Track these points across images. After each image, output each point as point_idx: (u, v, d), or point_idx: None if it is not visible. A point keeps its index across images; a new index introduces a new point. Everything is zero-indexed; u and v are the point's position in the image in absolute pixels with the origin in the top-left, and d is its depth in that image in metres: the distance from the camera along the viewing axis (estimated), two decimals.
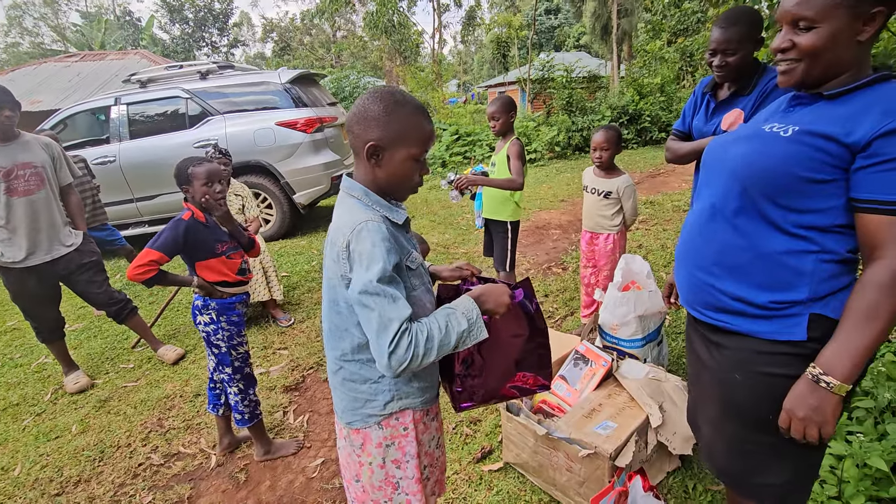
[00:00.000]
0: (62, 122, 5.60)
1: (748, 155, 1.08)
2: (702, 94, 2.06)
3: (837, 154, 0.96)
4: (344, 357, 1.15)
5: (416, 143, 1.09)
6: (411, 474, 1.20)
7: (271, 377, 2.96)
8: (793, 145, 1.01)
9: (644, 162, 8.97)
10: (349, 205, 1.11)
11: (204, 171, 2.06)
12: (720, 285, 1.12)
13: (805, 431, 1.00)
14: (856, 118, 0.95)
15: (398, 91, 1.10)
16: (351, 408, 1.17)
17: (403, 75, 15.54)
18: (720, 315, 1.14)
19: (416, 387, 1.17)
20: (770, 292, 1.06)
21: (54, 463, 2.38)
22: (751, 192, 1.06)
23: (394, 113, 1.06)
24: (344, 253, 1.04)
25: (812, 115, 1.03)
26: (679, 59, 13.07)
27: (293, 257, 5.07)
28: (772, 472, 1.13)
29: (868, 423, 1.80)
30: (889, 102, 0.93)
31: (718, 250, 1.13)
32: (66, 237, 2.89)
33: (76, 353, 3.48)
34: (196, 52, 34.72)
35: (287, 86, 5.47)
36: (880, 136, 0.91)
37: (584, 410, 1.91)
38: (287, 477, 2.18)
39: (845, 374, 0.95)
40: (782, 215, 1.03)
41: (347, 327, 1.11)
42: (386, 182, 1.12)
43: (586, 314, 2.98)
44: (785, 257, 1.04)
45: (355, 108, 1.09)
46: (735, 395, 1.14)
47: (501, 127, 2.79)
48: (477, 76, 40.54)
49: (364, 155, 1.08)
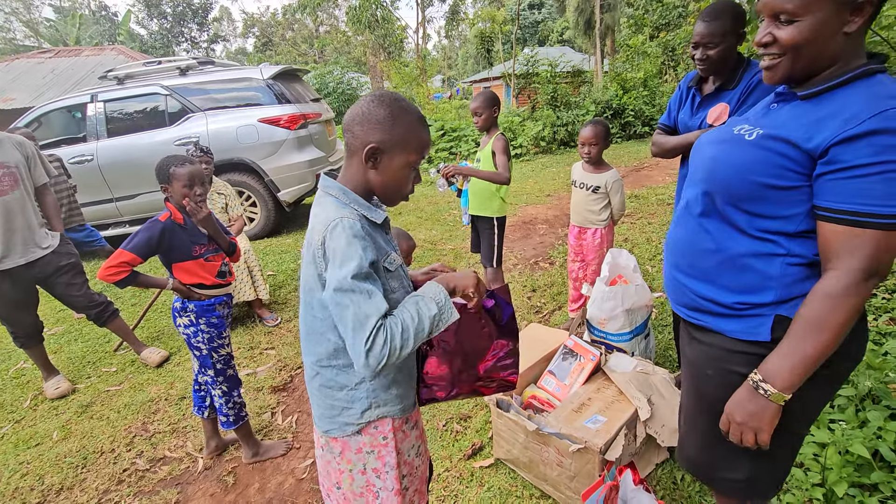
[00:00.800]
0: (36, 120, 5.43)
1: (711, 160, 1.08)
2: (687, 89, 2.07)
3: (798, 160, 0.94)
4: (320, 362, 1.13)
5: (415, 150, 1.10)
6: (391, 486, 1.18)
7: (258, 378, 2.92)
8: (754, 150, 0.99)
9: (628, 156, 9.05)
10: (326, 203, 1.09)
11: (186, 172, 2.02)
12: (692, 285, 1.14)
13: (742, 436, 1.01)
14: (822, 123, 0.91)
15: (402, 97, 1.10)
16: (328, 415, 1.15)
17: (387, 71, 15.43)
18: (694, 313, 1.15)
19: (394, 394, 1.15)
20: (736, 294, 1.05)
21: (35, 471, 2.32)
22: (715, 196, 1.06)
23: (398, 118, 1.06)
24: (319, 251, 1.02)
25: (784, 118, 1.00)
26: (661, 53, 13.19)
27: (279, 256, 5.01)
28: (736, 468, 1.15)
29: (849, 410, 1.84)
30: (855, 107, 0.89)
31: (690, 252, 1.15)
32: (42, 239, 2.81)
33: (56, 358, 3.39)
34: (175, 47, 34.00)
35: (269, 82, 5.38)
36: (837, 143, 0.88)
37: (574, 405, 1.92)
38: (276, 479, 2.15)
39: (784, 384, 0.95)
40: (747, 220, 1.02)
41: (324, 331, 1.09)
42: (380, 186, 1.11)
43: (574, 308, 3.00)
44: (751, 259, 1.03)
45: (358, 108, 1.08)
46: (707, 389, 1.16)
47: (485, 122, 2.79)
48: (461, 71, 40.45)
49: (363, 156, 1.06)
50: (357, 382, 1.12)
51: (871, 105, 0.87)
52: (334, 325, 1.07)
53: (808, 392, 1.03)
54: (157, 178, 2.05)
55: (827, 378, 1.04)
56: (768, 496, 1.18)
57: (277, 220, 5.68)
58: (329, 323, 1.07)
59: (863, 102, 0.89)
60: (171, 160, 2.04)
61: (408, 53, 19.61)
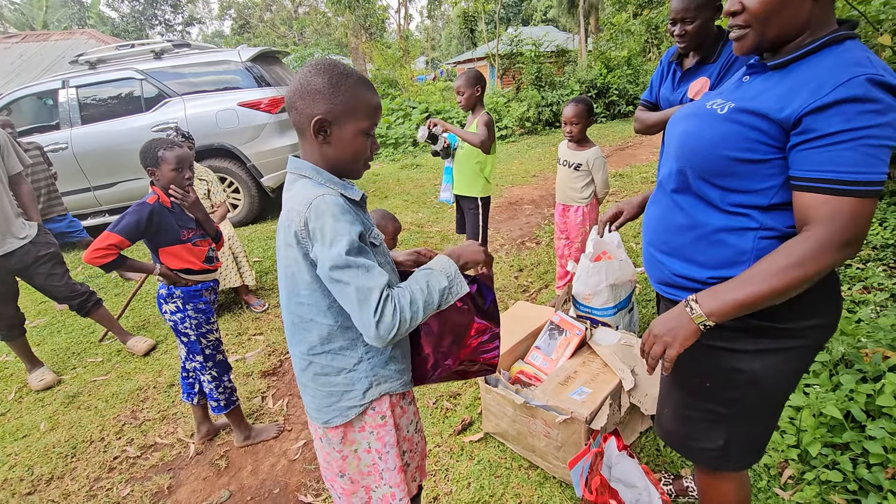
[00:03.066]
0: (6, 108, 5.24)
1: (684, 135, 1.07)
2: (668, 64, 2.08)
3: (770, 132, 0.93)
4: (312, 351, 1.09)
5: (364, 115, 1.05)
6: (392, 465, 1.16)
7: (248, 363, 2.92)
8: (725, 124, 0.98)
9: (613, 135, 9.08)
10: (300, 185, 1.05)
11: (174, 156, 1.99)
12: (667, 262, 1.14)
13: (651, 348, 1.02)
14: (792, 93, 0.91)
15: (339, 63, 1.05)
16: (327, 404, 1.12)
17: (370, 52, 15.13)
18: (669, 289, 1.16)
19: (393, 369, 1.14)
20: (710, 269, 1.05)
21: (24, 462, 2.31)
22: (687, 172, 1.05)
23: (339, 85, 1.01)
24: (303, 232, 0.98)
25: (755, 90, 0.99)
26: (645, 31, 13.14)
27: (264, 242, 4.96)
28: (708, 437, 1.17)
29: (823, 375, 1.91)
30: (824, 75, 0.88)
31: (664, 229, 1.15)
32: (20, 229, 2.74)
33: (39, 350, 3.34)
34: (149, 31, 32.88)
35: (248, 64, 5.25)
36: (810, 113, 0.87)
37: (560, 378, 1.96)
38: (269, 461, 2.17)
39: (713, 310, 0.95)
40: (719, 195, 1.02)
41: (313, 317, 1.06)
42: (337, 159, 1.06)
43: (560, 285, 3.04)
44: (724, 234, 1.03)
45: (296, 82, 1.02)
46: (680, 362, 1.15)
47: (468, 101, 2.78)
48: (445, 52, 39.88)
49: (311, 132, 1.02)
50: (355, 363, 1.09)
51: (839, 73, 0.87)
52: (326, 308, 1.04)
53: (787, 364, 1.05)
54: (143, 161, 2.01)
55: (805, 349, 1.06)
56: (747, 464, 1.20)
57: (261, 205, 5.60)
58: (319, 306, 1.04)
59: (831, 70, 0.88)
60: (158, 143, 2.00)
61: (390, 34, 19.23)
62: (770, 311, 0.99)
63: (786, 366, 1.06)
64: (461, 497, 1.82)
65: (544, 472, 1.88)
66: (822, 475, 1.64)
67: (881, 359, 1.88)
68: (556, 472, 1.84)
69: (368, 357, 1.10)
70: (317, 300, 1.04)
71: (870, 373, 1.85)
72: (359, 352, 1.09)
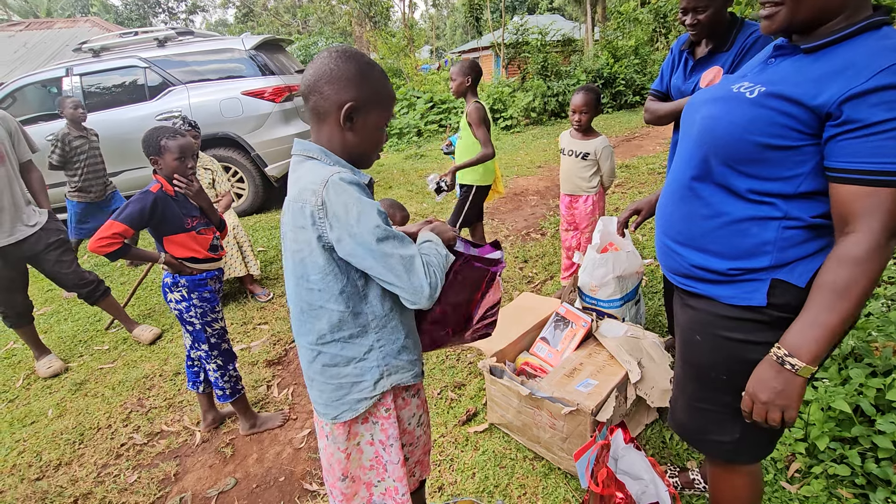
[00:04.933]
0: (10, 96, 5.24)
1: (709, 119, 1.02)
2: (679, 52, 2.03)
3: (803, 118, 0.89)
4: (321, 340, 1.06)
5: (387, 106, 1.06)
6: (396, 458, 1.15)
7: (252, 352, 2.93)
8: (755, 108, 0.94)
9: (619, 126, 8.99)
10: (309, 166, 1.02)
11: (177, 145, 1.97)
12: (683, 252, 1.11)
13: (767, 415, 0.96)
14: (828, 78, 0.87)
15: (361, 52, 1.06)
16: (336, 397, 1.09)
17: (374, 41, 15.00)
18: (686, 280, 1.13)
19: (405, 360, 1.12)
20: (731, 260, 1.02)
21: (32, 448, 2.33)
22: (710, 158, 1.01)
23: (368, 74, 1.01)
24: (320, 211, 0.95)
25: (785, 73, 0.94)
26: (653, 20, 12.95)
27: (268, 231, 4.96)
28: (724, 430, 1.15)
29: (832, 369, 1.89)
30: (863, 61, 0.84)
31: (681, 218, 1.11)
32: (30, 216, 2.74)
33: (47, 338, 3.37)
34: (152, 19, 32.71)
35: (252, 52, 5.21)
36: (849, 99, 0.84)
37: (566, 370, 1.95)
38: (274, 449, 2.18)
39: (812, 356, 0.89)
40: (743, 183, 0.98)
41: (323, 304, 1.03)
42: (356, 146, 1.05)
43: (566, 276, 3.02)
44: (746, 224, 1.00)
45: (323, 66, 1.00)
46: (695, 355, 1.15)
47: (457, 88, 2.83)
48: (450, 42, 39.52)
49: (340, 117, 1.00)
50: (365, 351, 1.07)
51: (881, 58, 0.83)
52: (338, 292, 1.02)
53: None
54: (145, 150, 1.99)
55: None
56: (759, 457, 1.19)
57: (266, 195, 5.60)
58: (330, 291, 1.02)
59: (871, 56, 0.84)
60: (161, 132, 1.98)
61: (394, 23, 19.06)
62: (790, 302, 0.97)
63: None
64: (466, 487, 1.83)
65: (549, 464, 1.88)
66: (829, 469, 1.62)
67: (892, 353, 1.86)
68: (561, 463, 1.84)
69: (380, 345, 1.08)
70: (328, 285, 1.02)
71: (880, 367, 1.83)
72: (369, 339, 1.07)
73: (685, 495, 1.68)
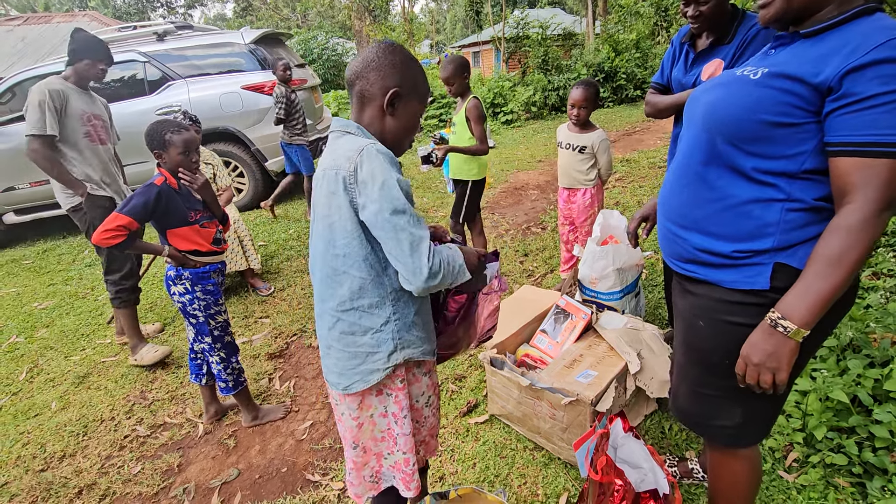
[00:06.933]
0: (10, 91, 5.23)
1: (715, 101, 1.05)
2: (680, 45, 2.03)
3: (805, 96, 0.93)
4: (342, 306, 1.10)
5: (424, 98, 1.14)
6: (407, 430, 1.19)
7: (254, 346, 2.94)
8: (760, 88, 0.97)
9: (620, 120, 8.97)
10: (345, 140, 1.08)
11: (181, 139, 1.98)
12: (687, 236, 1.13)
13: (759, 377, 1.00)
14: (827, 58, 0.91)
15: (404, 47, 1.14)
16: (350, 367, 1.13)
17: (374, 35, 14.95)
18: (689, 265, 1.15)
19: (416, 335, 1.17)
20: (734, 242, 1.04)
21: (36, 440, 2.35)
22: (716, 139, 1.04)
23: (411, 66, 1.11)
24: (352, 177, 1.01)
25: (786, 56, 0.98)
26: (654, 13, 12.88)
27: (269, 226, 4.97)
28: (727, 415, 1.17)
29: (831, 360, 1.90)
30: (859, 39, 0.88)
31: (685, 202, 1.13)
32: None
33: (49, 331, 3.39)
34: (150, 13, 32.54)
35: (252, 46, 5.20)
36: (847, 74, 0.87)
37: (566, 361, 1.97)
38: (276, 440, 2.20)
39: (804, 319, 0.93)
40: (749, 162, 1.00)
41: (346, 269, 1.08)
42: (395, 131, 1.13)
43: (565, 269, 3.03)
44: (750, 206, 1.02)
45: (371, 55, 1.09)
46: (698, 341, 1.16)
47: (458, 89, 2.83)
48: (450, 36, 39.33)
49: (384, 102, 1.08)
50: (383, 323, 1.11)
51: (876, 35, 0.87)
52: (362, 259, 1.06)
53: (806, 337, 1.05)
54: (149, 144, 2.00)
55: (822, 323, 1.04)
56: (759, 440, 1.22)
57: (266, 189, 5.60)
58: (355, 257, 1.06)
59: (866, 34, 0.88)
60: (164, 125, 1.99)
61: (394, 17, 18.98)
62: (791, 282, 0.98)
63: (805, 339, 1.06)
64: (467, 476, 1.85)
65: (549, 454, 1.90)
66: (827, 458, 1.64)
67: (889, 344, 1.87)
68: (561, 453, 1.85)
69: (395, 318, 1.12)
70: (354, 250, 1.06)
71: (878, 358, 1.84)
72: (387, 311, 1.11)
73: (684, 484, 1.70)
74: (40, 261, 4.98)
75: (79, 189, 2.67)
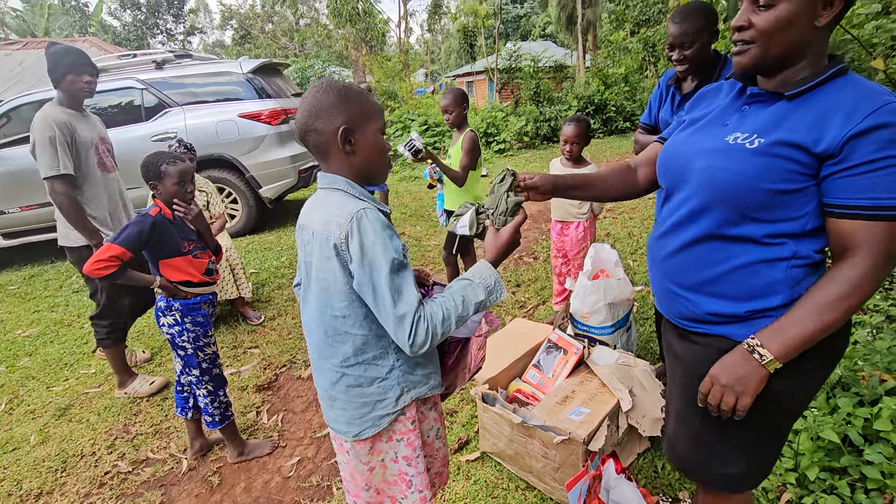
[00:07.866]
0: (5, 115, 5.23)
1: (714, 171, 1.04)
2: (667, 87, 2.11)
3: (806, 162, 0.95)
4: (346, 363, 1.11)
5: (376, 116, 1.12)
6: (421, 468, 1.20)
7: (242, 377, 2.89)
8: (761, 158, 0.97)
9: (610, 151, 9.16)
10: (336, 198, 1.08)
11: (177, 170, 2.00)
12: (696, 300, 1.10)
13: (722, 398, 1.01)
14: (822, 124, 0.93)
15: (334, 80, 1.13)
16: (359, 415, 1.14)
17: (370, 65, 15.25)
18: (693, 324, 1.13)
19: (420, 374, 1.17)
20: (747, 302, 1.04)
21: (12, 476, 2.27)
22: (720, 209, 1.04)
23: (348, 96, 1.08)
24: (343, 244, 1.01)
25: (773, 119, 0.99)
26: (642, 49, 13.35)
27: (261, 253, 4.95)
28: (731, 463, 1.15)
29: (821, 398, 1.91)
30: (850, 103, 0.91)
31: (686, 264, 1.11)
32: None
33: (32, 360, 3.31)
34: (150, 40, 33.09)
35: (249, 76, 5.29)
36: (848, 141, 0.90)
37: (558, 398, 1.96)
38: (263, 477, 2.14)
39: (782, 352, 0.95)
40: (756, 228, 1.01)
41: (348, 329, 1.08)
42: (365, 163, 1.12)
43: (558, 301, 3.04)
44: (758, 266, 1.02)
45: (306, 107, 1.07)
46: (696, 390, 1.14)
47: (455, 119, 2.86)
48: (444, 66, 40.28)
49: (338, 143, 1.07)
50: (387, 371, 1.12)
51: (869, 101, 0.90)
52: (363, 317, 1.07)
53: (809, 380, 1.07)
54: (145, 175, 2.01)
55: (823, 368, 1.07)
56: (757, 484, 1.20)
57: (259, 216, 5.61)
58: (356, 317, 1.07)
59: (859, 98, 0.92)
60: (161, 157, 2.00)
61: (390, 47, 19.42)
62: None
63: (809, 382, 1.08)
64: None
65: (542, 494, 1.86)
66: (819, 500, 1.63)
67: (878, 382, 1.88)
68: (553, 493, 1.82)
69: (399, 364, 1.13)
70: (354, 311, 1.07)
71: (867, 396, 1.85)
72: (390, 360, 1.12)
73: None
74: (26, 286, 4.90)
75: (94, 240, 2.52)
